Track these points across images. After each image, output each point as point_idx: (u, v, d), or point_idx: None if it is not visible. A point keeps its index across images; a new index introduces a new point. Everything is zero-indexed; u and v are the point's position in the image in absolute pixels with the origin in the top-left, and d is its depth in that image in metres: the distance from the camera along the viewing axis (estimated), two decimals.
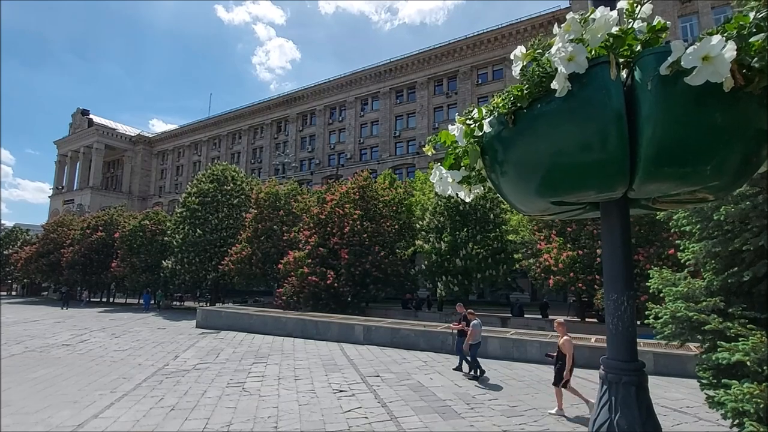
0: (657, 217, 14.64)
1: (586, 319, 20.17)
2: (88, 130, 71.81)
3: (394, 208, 26.11)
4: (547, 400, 8.28)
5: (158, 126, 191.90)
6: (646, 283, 6.58)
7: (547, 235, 19.11)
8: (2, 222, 68.99)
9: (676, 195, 1.60)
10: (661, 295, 5.93)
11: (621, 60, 1.40)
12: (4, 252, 47.41)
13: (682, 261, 6.11)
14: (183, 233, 29.32)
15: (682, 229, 6.08)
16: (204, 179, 31.60)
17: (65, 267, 35.97)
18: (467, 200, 1.99)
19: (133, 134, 74.64)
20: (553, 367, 8.15)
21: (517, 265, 21.64)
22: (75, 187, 73.39)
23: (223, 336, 16.62)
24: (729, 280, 5.23)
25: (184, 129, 69.95)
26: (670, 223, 6.51)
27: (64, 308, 31.03)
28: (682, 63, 1.21)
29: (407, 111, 47.85)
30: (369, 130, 50.54)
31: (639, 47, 1.42)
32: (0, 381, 9.41)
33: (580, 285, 17.39)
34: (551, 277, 17.91)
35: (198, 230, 28.93)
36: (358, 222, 22.77)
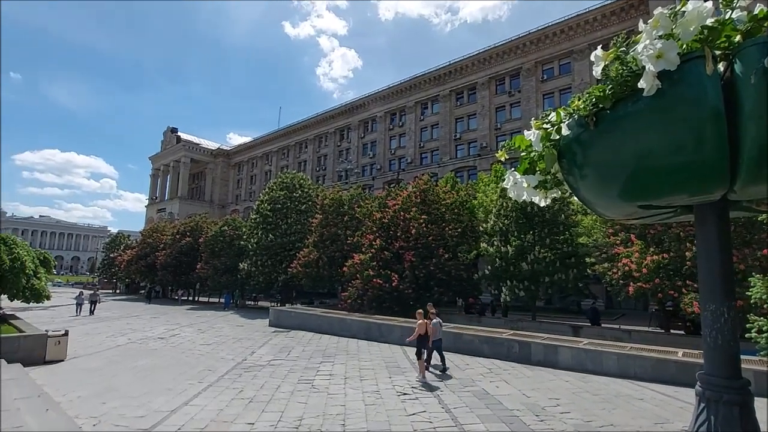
0: (759, 218, 12.87)
1: (671, 331, 18.22)
2: (176, 146, 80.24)
3: (456, 211, 25.73)
4: (627, 417, 7.63)
5: (234, 139, 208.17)
6: (747, 292, 5.82)
7: (625, 239, 17.59)
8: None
9: None
10: (766, 306, 5.22)
11: (718, 53, 1.31)
12: (110, 255, 54.30)
13: None
14: (257, 238, 31.47)
15: None
16: (275, 187, 33.68)
17: (159, 268, 40.27)
18: (542, 205, 1.95)
19: (213, 148, 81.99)
20: None
21: (589, 270, 20.19)
22: (166, 197, 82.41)
23: (293, 335, 17.52)
24: None
25: (257, 141, 75.22)
26: None
27: (148, 303, 37.21)
28: None
29: (468, 112, 47.00)
30: (429, 134, 50.40)
31: (739, 38, 1.31)
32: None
33: (671, 292, 15.71)
34: (631, 283, 16.42)
35: (270, 235, 30.87)
36: (423, 225, 22.81)
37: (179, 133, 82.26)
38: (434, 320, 11.48)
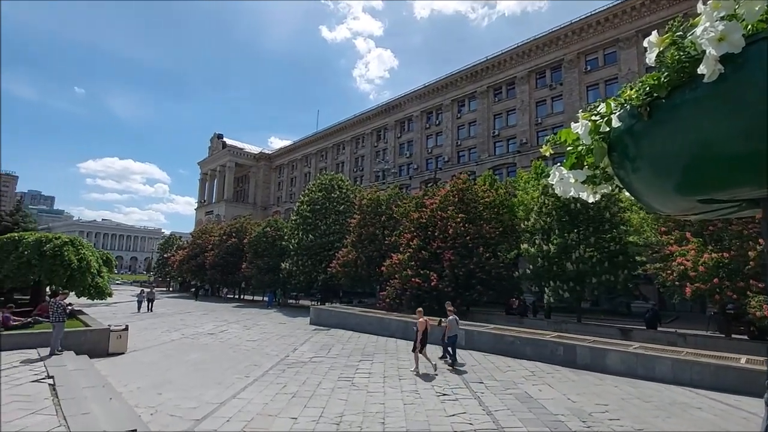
0: None
1: (733, 335, 16.80)
2: (222, 152, 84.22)
3: (496, 210, 25.14)
4: (683, 426, 7.15)
5: (275, 143, 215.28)
6: None
7: (679, 237, 16.44)
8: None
9: None
10: None
11: None
12: (164, 255, 57.76)
13: None
14: (297, 238, 32.32)
15: None
16: (314, 188, 34.45)
17: (208, 268, 42.36)
18: (590, 201, 1.87)
19: (256, 152, 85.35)
20: None
21: (639, 270, 19.05)
22: (213, 200, 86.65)
23: (333, 333, 17.85)
24: None
25: (296, 144, 77.35)
26: None
27: (195, 300, 40.04)
28: None
29: (506, 108, 45.80)
30: (466, 131, 49.61)
31: None
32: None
33: (729, 294, 14.53)
34: (688, 284, 15.33)
35: (310, 235, 31.61)
36: (461, 224, 22.51)
37: (225, 139, 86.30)
38: (450, 317, 11.90)
